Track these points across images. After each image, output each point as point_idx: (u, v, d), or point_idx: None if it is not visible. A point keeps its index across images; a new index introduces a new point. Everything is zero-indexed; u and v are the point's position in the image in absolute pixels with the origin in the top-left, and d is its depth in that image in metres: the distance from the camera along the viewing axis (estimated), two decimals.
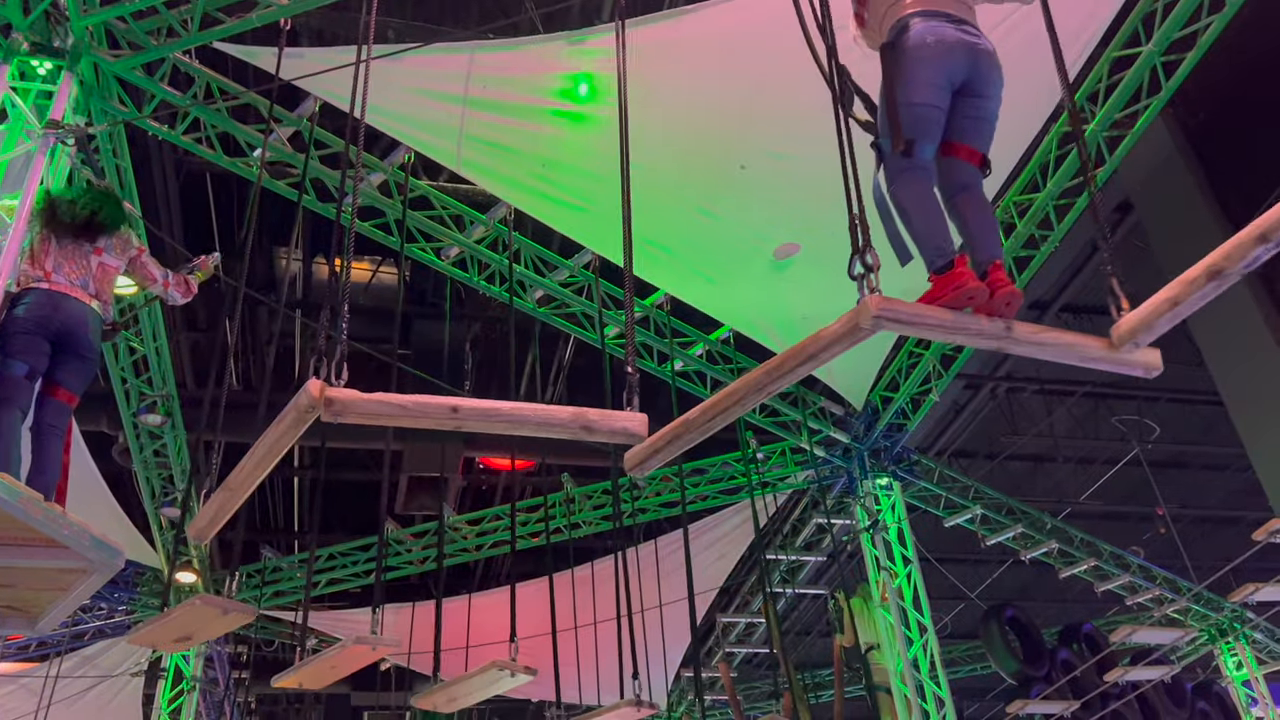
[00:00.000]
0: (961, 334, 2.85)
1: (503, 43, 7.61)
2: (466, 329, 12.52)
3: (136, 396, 9.11)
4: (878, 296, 2.60)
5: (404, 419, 3.02)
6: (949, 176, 3.26)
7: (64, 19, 6.41)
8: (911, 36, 3.22)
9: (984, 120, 3.30)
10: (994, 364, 13.29)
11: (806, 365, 2.81)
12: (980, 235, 3.16)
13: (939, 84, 3.18)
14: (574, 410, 3.12)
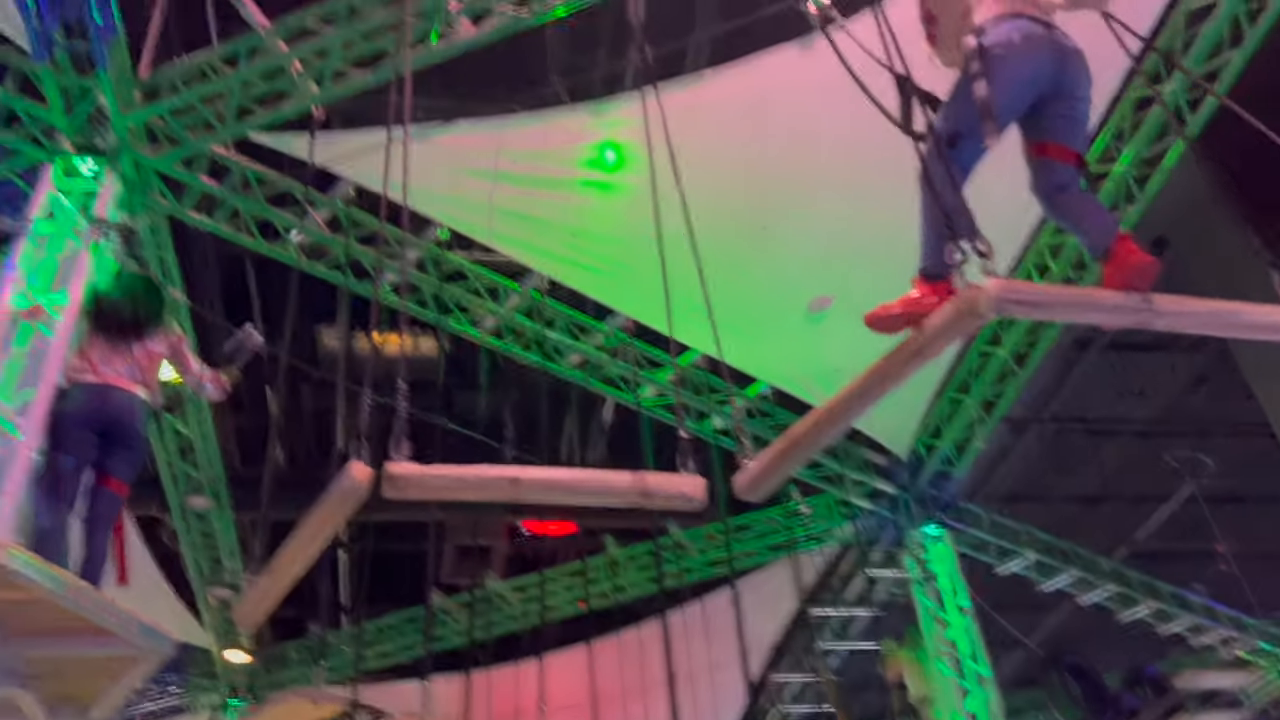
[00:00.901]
0: (1096, 311, 2.72)
1: (529, 115, 7.78)
2: (505, 397, 12.58)
3: (184, 480, 9.25)
4: (1000, 280, 2.49)
5: (465, 492, 3.01)
6: (1046, 177, 3.17)
7: (105, 119, 6.65)
8: (997, 36, 3.15)
9: (1076, 120, 3.22)
10: (1039, 405, 13.09)
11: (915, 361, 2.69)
12: (1093, 227, 3.04)
13: (1024, 81, 3.11)
14: (632, 476, 3.09)
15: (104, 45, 6.29)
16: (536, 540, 13.87)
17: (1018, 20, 3.19)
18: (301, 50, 6.85)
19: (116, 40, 6.50)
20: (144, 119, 6.92)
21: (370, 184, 7.53)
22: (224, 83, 6.89)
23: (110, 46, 6.41)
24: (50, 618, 4.06)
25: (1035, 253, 9.02)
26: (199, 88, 6.89)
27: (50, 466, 4.54)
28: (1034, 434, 13.65)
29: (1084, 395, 13.24)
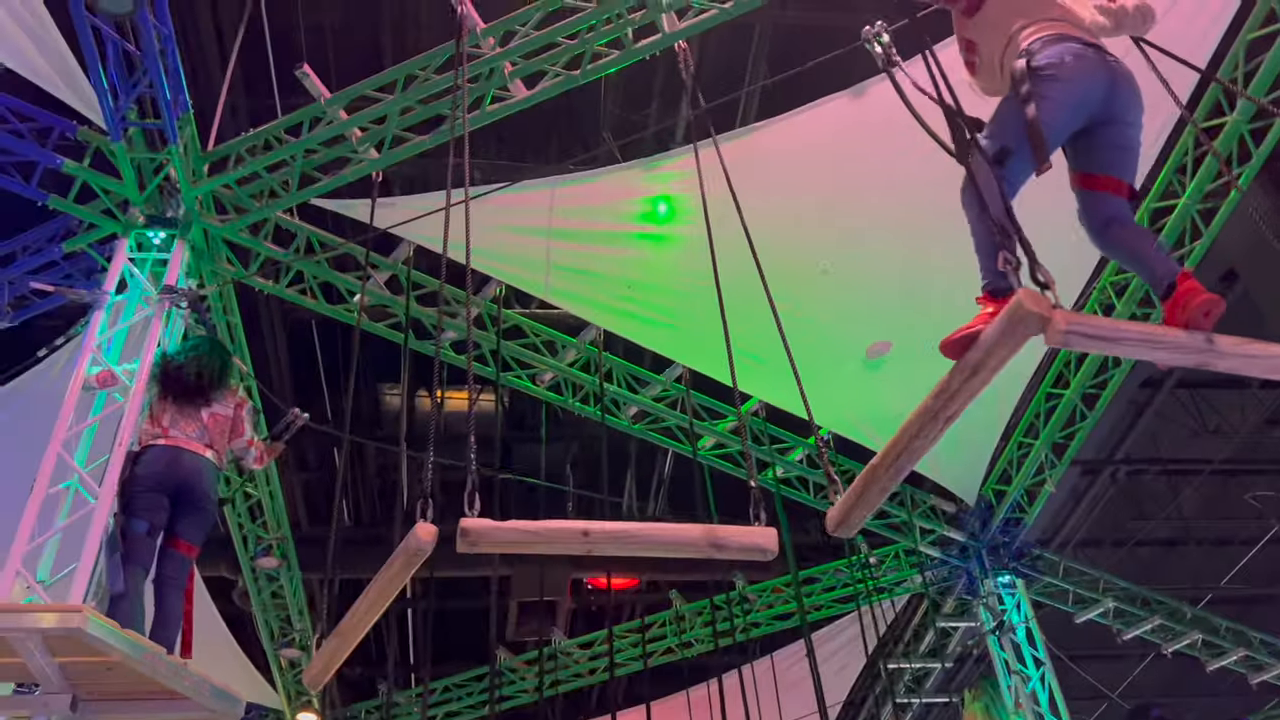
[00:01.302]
0: (1160, 348, 2.62)
1: (583, 175, 7.89)
2: (565, 450, 12.62)
3: (253, 541, 9.39)
4: (1063, 311, 2.43)
5: (537, 545, 3.03)
6: (1094, 209, 3.08)
7: (176, 191, 6.89)
8: (1046, 56, 3.07)
9: (1128, 150, 3.12)
10: (1110, 447, 12.77)
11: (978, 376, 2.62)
12: (1147, 260, 2.97)
13: (1071, 104, 3.03)
14: (704, 528, 3.09)
15: (175, 121, 6.53)
16: (600, 595, 13.79)
17: (1068, 42, 3.11)
18: (361, 118, 7.05)
19: (186, 116, 6.75)
20: (212, 189, 7.15)
21: (429, 245, 7.67)
22: (287, 151, 7.11)
23: (180, 122, 6.65)
24: (125, 681, 4.13)
25: (1100, 290, 8.84)
26: (264, 158, 7.11)
27: (123, 531, 4.65)
28: (1107, 477, 13.29)
29: (1156, 435, 12.89)
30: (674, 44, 6.72)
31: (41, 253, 7.32)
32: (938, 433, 2.76)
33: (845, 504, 3.00)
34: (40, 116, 6.74)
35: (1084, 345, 2.51)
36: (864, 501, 2.98)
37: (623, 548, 3.06)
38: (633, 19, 6.78)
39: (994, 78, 3.37)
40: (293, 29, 8.79)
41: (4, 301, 7.27)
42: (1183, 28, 6.80)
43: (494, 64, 6.85)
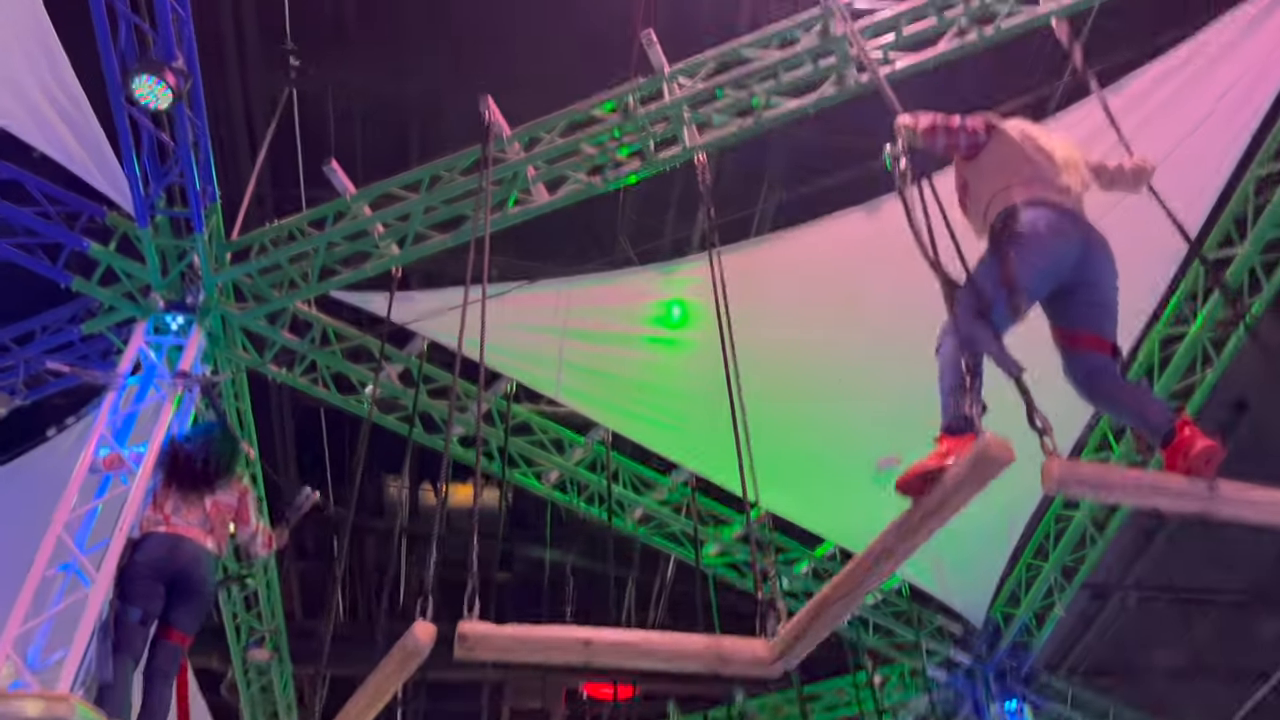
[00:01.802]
0: (1160, 496, 2.66)
1: (599, 276, 7.99)
2: (567, 551, 12.46)
3: (246, 631, 9.22)
4: (1059, 459, 2.45)
5: (536, 653, 2.99)
6: (1078, 365, 3.15)
7: (197, 278, 6.99)
8: (1024, 221, 3.18)
9: (1105, 307, 3.21)
10: (1120, 571, 12.54)
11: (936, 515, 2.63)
12: (1142, 409, 3.01)
13: (1043, 269, 3.12)
14: (707, 640, 3.06)
15: (202, 210, 6.66)
16: (596, 704, 13.44)
17: (1043, 208, 3.22)
18: (385, 214, 7.18)
19: (213, 205, 6.89)
20: (233, 278, 7.24)
21: (445, 340, 7.73)
22: (310, 244, 7.22)
23: (207, 211, 6.79)
24: None
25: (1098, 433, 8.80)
26: (286, 248, 7.23)
27: (117, 617, 4.57)
28: (1117, 602, 13.03)
29: (1169, 562, 12.66)
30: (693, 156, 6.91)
31: (60, 333, 7.40)
32: (891, 569, 2.78)
33: (791, 635, 2.95)
34: (70, 201, 6.89)
35: (1081, 493, 2.58)
36: (810, 634, 2.94)
37: (624, 658, 3.01)
38: (655, 131, 6.96)
39: (980, 223, 3.48)
40: (322, 124, 9.06)
41: (19, 379, 7.32)
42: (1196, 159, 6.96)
43: (518, 168, 7.01)
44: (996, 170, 3.41)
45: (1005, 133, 3.48)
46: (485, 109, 6.72)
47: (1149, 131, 6.82)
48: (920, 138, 3.48)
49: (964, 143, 3.47)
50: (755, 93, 6.83)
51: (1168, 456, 2.78)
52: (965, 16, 6.62)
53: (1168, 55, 6.77)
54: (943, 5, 6.65)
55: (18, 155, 6.93)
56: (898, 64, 6.69)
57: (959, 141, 3.47)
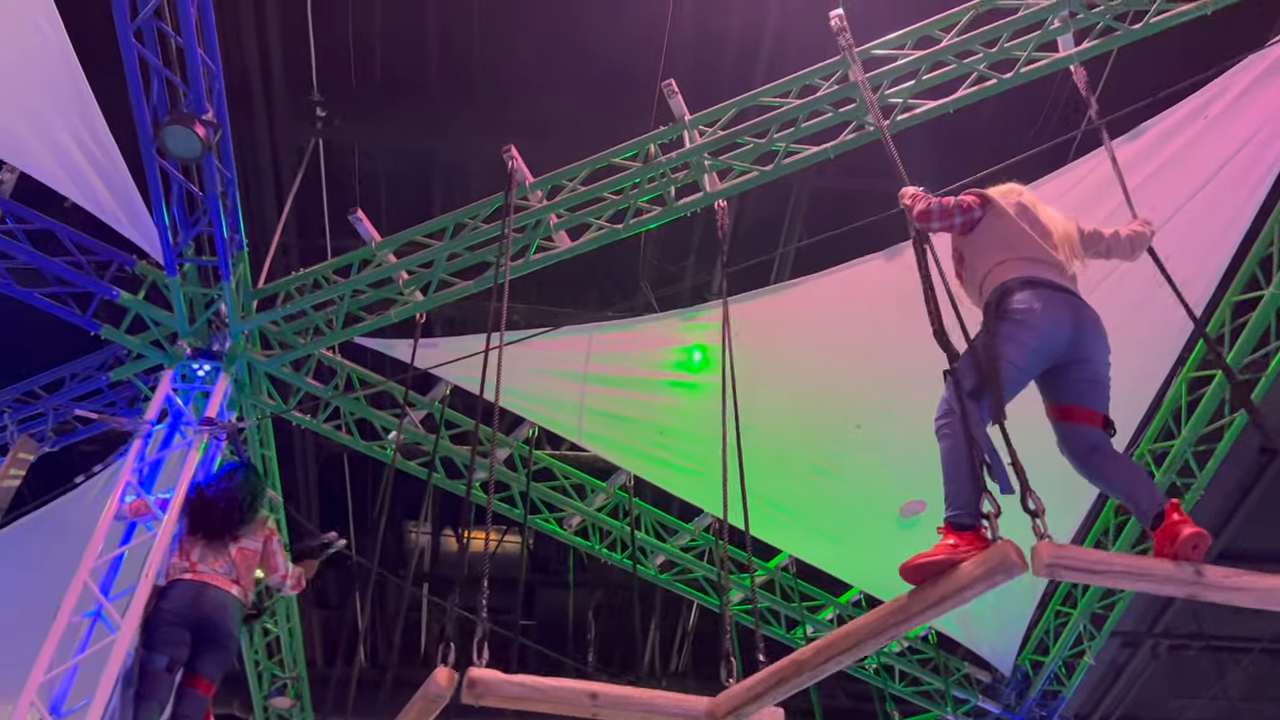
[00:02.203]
0: (1146, 580, 2.68)
1: (621, 323, 8.03)
2: (589, 596, 12.39)
3: (268, 679, 9.19)
4: (1048, 544, 2.49)
5: (543, 704, 3.02)
6: (1075, 441, 3.20)
7: (224, 325, 7.07)
8: (1017, 300, 3.24)
9: (1097, 383, 3.26)
10: (1150, 620, 12.33)
11: (936, 608, 2.66)
12: (1133, 487, 3.04)
13: (1037, 348, 3.17)
14: (709, 702, 3.09)
15: (229, 259, 6.76)
16: None
17: (1039, 287, 3.29)
18: (409, 262, 7.26)
19: (240, 254, 6.99)
20: (259, 325, 7.33)
21: (467, 385, 7.77)
22: (335, 291, 7.30)
23: (234, 260, 6.89)
24: None
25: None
26: (312, 296, 7.31)
27: (143, 665, 4.59)
28: (1148, 650, 12.80)
29: (1200, 610, 12.44)
30: (714, 203, 6.96)
31: (88, 380, 7.50)
32: (875, 647, 2.83)
33: (748, 693, 2.97)
34: (101, 250, 7.01)
35: (1070, 576, 2.59)
36: (770, 694, 2.94)
37: (629, 714, 3.03)
38: (676, 178, 7.03)
39: (975, 295, 3.54)
40: (348, 174, 9.21)
41: (48, 426, 7.41)
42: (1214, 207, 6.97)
43: (540, 216, 7.09)
44: (992, 245, 3.49)
45: (1000, 208, 3.55)
46: (509, 158, 6.82)
47: (1163, 181, 6.84)
48: (916, 220, 3.55)
49: (959, 221, 3.55)
50: (775, 139, 6.89)
51: (1158, 539, 2.80)
52: (984, 62, 6.67)
53: (1184, 103, 6.78)
54: (962, 52, 6.70)
55: (50, 205, 7.09)
56: (917, 110, 6.74)
57: (954, 221, 3.54)
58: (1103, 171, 6.90)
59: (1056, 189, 6.97)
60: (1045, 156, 6.36)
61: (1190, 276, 7.45)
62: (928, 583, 2.70)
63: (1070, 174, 6.96)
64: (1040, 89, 7.88)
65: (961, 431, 2.95)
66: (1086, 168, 6.90)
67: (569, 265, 7.62)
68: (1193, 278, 7.55)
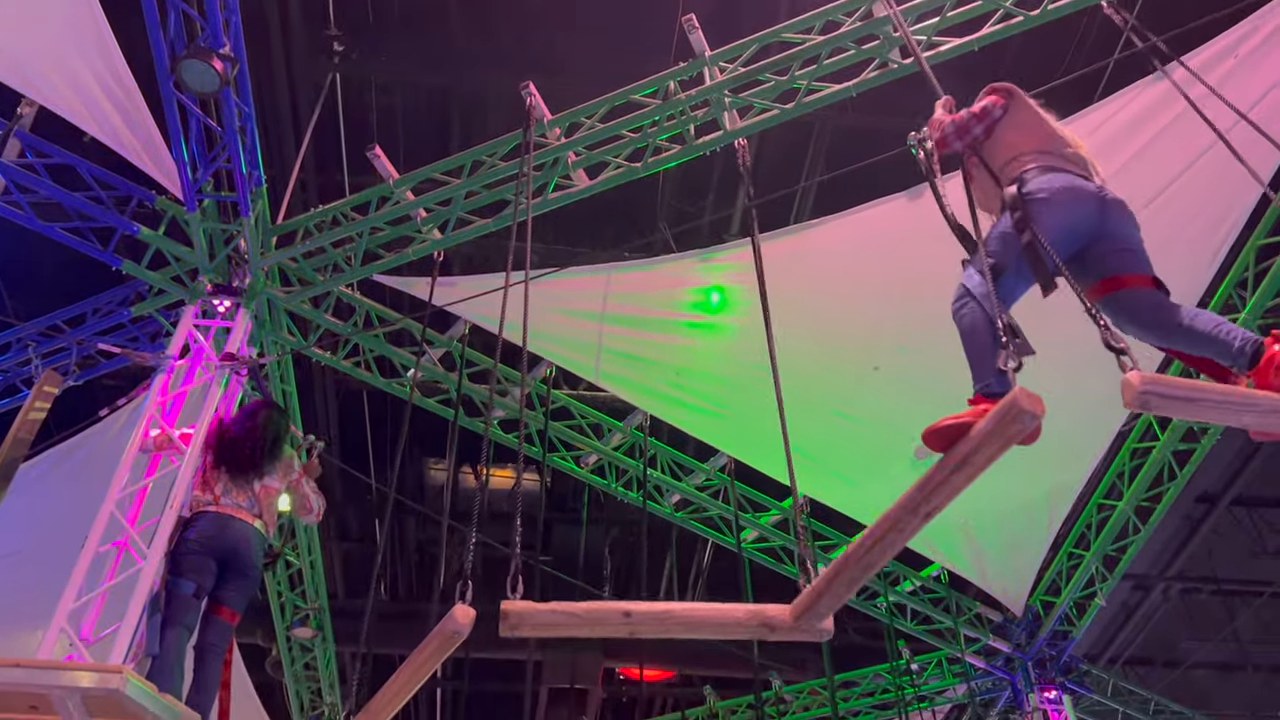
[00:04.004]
0: (1250, 411, 2.48)
1: (638, 263, 8.01)
2: (605, 534, 12.55)
3: (291, 610, 9.39)
4: (1140, 372, 2.33)
5: (579, 628, 3.01)
6: (1136, 308, 3.07)
7: (244, 262, 7.10)
8: (1040, 183, 3.18)
9: (1134, 251, 3.16)
10: (1163, 563, 12.40)
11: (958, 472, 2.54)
12: (1218, 327, 2.87)
13: (1067, 228, 3.09)
14: (751, 608, 3.05)
15: (248, 195, 6.76)
16: (632, 685, 13.54)
17: (1060, 173, 3.22)
18: (427, 199, 7.24)
19: (259, 190, 6.99)
20: (279, 262, 7.35)
21: (485, 324, 7.80)
22: (354, 228, 7.31)
23: (253, 196, 6.89)
24: None
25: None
26: (330, 233, 7.32)
27: (169, 591, 4.69)
28: (1159, 594, 12.89)
29: (1212, 553, 12.51)
30: (734, 141, 6.89)
31: (111, 315, 7.56)
32: (915, 528, 2.68)
33: (813, 593, 2.90)
34: (121, 185, 7.02)
35: (1165, 408, 2.40)
36: (832, 592, 2.87)
37: (666, 629, 3.02)
38: (695, 115, 6.95)
39: (987, 191, 3.44)
40: (366, 111, 9.14)
41: (72, 361, 7.49)
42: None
43: (558, 154, 7.04)
44: (1013, 137, 3.41)
45: (1023, 99, 3.49)
46: (527, 94, 6.75)
47: (1192, 120, 6.69)
48: (936, 149, 3.51)
49: (980, 130, 3.48)
50: (796, 77, 6.79)
51: (1258, 375, 2.65)
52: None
53: (1213, 41, 6.63)
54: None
55: (70, 140, 7.08)
56: (942, 47, 6.62)
57: (974, 130, 3.47)
58: (1130, 111, 6.79)
59: (1084, 127, 6.87)
60: (1072, 95, 6.25)
61: (1217, 217, 7.37)
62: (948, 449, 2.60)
63: (1098, 112, 6.84)
64: (1068, 26, 7.70)
65: (979, 306, 2.92)
66: (1114, 106, 6.79)
67: (586, 204, 7.57)
68: (1218, 219, 7.47)
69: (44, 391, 6.55)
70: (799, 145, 9.23)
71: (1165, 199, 7.10)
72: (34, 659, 4.51)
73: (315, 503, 5.42)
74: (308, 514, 5.44)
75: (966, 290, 3.04)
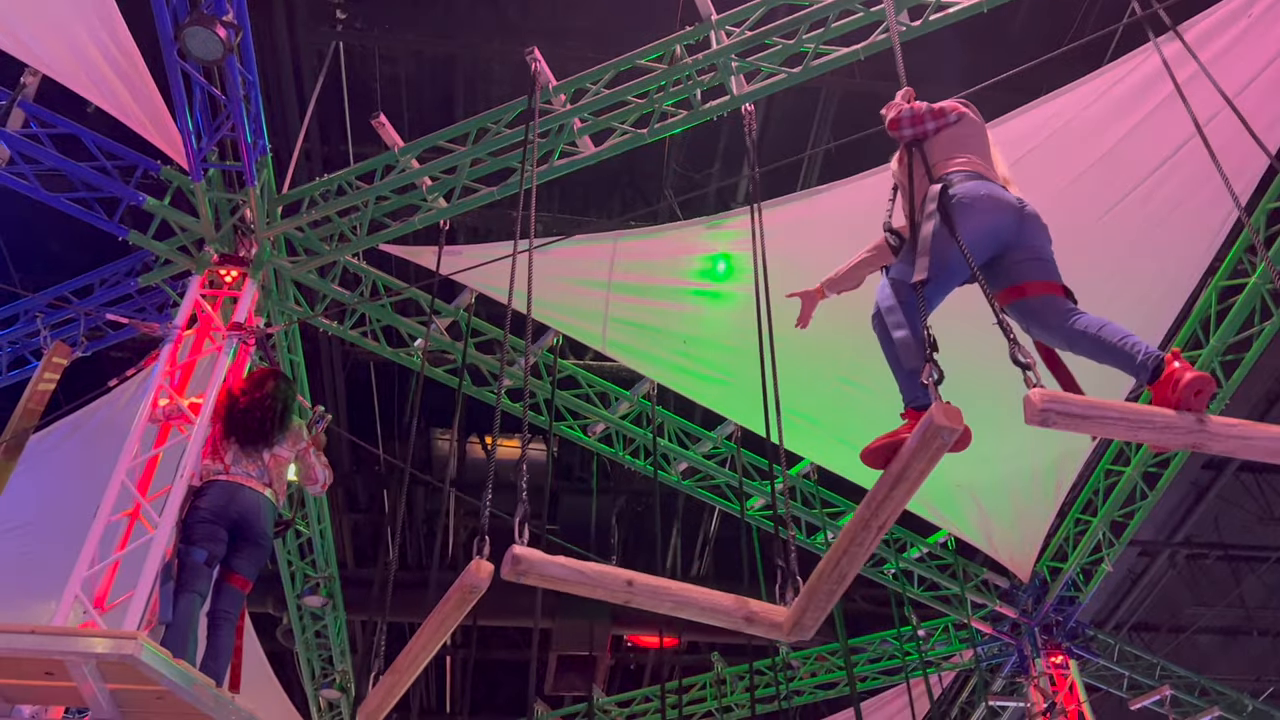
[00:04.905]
0: (1146, 428, 2.57)
1: (644, 231, 7.98)
2: (612, 503, 12.60)
3: (301, 579, 9.45)
4: (1041, 389, 2.41)
5: (582, 586, 3.05)
6: (1045, 313, 3.13)
7: (250, 231, 7.08)
8: (964, 187, 3.26)
9: (1045, 260, 3.25)
10: (1170, 529, 12.43)
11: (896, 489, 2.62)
12: (1124, 338, 2.91)
13: (985, 230, 3.17)
14: (737, 599, 3.12)
15: (253, 164, 6.74)
16: (640, 653, 13.64)
17: (984, 180, 3.32)
18: (432, 168, 7.21)
19: (264, 159, 6.96)
20: (285, 231, 7.33)
21: (492, 293, 7.78)
22: (359, 197, 7.28)
23: (259, 165, 6.86)
24: (173, 711, 4.16)
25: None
26: (336, 202, 7.29)
27: (181, 559, 4.72)
28: (1165, 559, 12.93)
29: (1219, 519, 12.53)
30: (741, 106, 6.83)
31: (117, 286, 7.56)
32: (873, 540, 2.78)
33: (798, 610, 3.01)
34: (126, 155, 6.99)
35: (1064, 424, 2.46)
36: (814, 606, 2.97)
37: (659, 603, 3.08)
38: (702, 80, 6.89)
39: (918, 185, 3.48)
40: (370, 79, 9.09)
41: (80, 332, 7.50)
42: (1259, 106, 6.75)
43: (564, 120, 6.99)
44: (955, 144, 3.51)
45: (976, 119, 3.63)
46: (532, 60, 6.70)
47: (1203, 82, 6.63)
48: (889, 129, 3.63)
49: (932, 126, 3.56)
50: (804, 40, 6.72)
51: (1157, 390, 2.70)
52: None
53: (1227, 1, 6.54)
54: None
55: (74, 110, 7.06)
56: (950, 9, 6.55)
57: (926, 127, 3.56)
58: (1142, 73, 6.71)
59: (1094, 90, 6.81)
60: (1082, 56, 6.18)
61: (1222, 187, 7.30)
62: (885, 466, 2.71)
63: (1109, 74, 6.77)
64: None
65: (906, 319, 3.04)
66: (1126, 68, 6.71)
67: (592, 172, 7.54)
68: (1233, 176, 7.39)
69: (53, 363, 6.59)
70: (806, 111, 9.17)
71: (1171, 166, 7.04)
72: (49, 625, 4.56)
73: (321, 473, 5.44)
74: (313, 484, 5.45)
75: (876, 304, 3.20)
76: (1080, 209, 7.09)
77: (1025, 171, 3.80)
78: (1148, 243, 7.38)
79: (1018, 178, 3.60)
